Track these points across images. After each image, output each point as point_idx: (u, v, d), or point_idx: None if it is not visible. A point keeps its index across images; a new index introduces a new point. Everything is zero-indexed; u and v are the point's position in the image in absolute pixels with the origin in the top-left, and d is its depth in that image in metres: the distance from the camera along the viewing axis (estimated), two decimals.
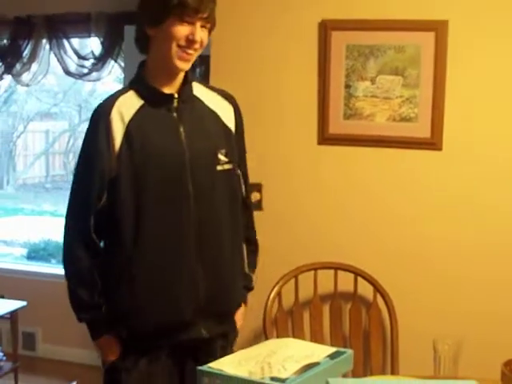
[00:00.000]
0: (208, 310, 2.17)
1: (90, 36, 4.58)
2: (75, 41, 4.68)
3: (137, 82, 2.18)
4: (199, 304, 2.15)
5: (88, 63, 4.56)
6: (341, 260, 2.96)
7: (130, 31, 4.23)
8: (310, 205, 3.11)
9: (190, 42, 2.05)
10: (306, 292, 2.97)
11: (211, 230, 2.17)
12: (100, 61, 4.51)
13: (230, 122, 2.24)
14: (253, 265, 2.36)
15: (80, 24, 4.50)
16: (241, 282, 2.30)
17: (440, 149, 2.98)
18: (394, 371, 2.85)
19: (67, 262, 2.19)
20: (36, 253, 5.67)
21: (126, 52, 4.38)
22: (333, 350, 2.02)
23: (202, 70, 4.50)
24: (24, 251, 5.75)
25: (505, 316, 2.90)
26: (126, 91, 2.15)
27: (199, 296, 2.15)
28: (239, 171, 2.28)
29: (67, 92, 8.59)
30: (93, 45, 4.67)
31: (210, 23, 2.09)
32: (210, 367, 1.90)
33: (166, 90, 2.13)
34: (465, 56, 2.92)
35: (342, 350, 2.04)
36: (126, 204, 2.08)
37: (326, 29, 3.04)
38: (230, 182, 2.22)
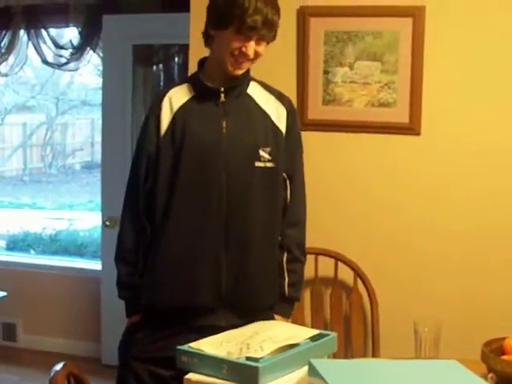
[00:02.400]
0: (229, 299, 2.20)
1: (68, 26, 4.57)
2: (53, 31, 4.66)
3: (193, 76, 2.32)
4: (220, 291, 2.19)
5: (66, 53, 4.55)
6: (321, 245, 2.97)
7: (108, 21, 4.29)
8: None
9: (243, 53, 2.12)
10: None
11: (241, 222, 2.21)
12: (78, 50, 4.50)
13: (281, 124, 2.28)
14: (294, 274, 2.35)
15: (58, 14, 4.50)
16: (273, 285, 2.30)
17: (418, 134, 3.00)
18: (375, 355, 2.88)
19: (117, 239, 2.29)
20: (15, 244, 5.66)
21: (104, 42, 4.37)
22: (315, 332, 2.04)
23: (180, 58, 4.52)
24: (3, 243, 5.73)
25: (485, 298, 2.93)
26: (182, 83, 2.30)
27: (221, 283, 2.19)
28: (285, 174, 2.30)
29: (45, 84, 8.56)
30: (71, 34, 4.66)
31: (268, 38, 2.15)
32: (189, 346, 1.92)
33: (217, 86, 2.21)
34: (442, 41, 2.94)
35: (326, 332, 2.06)
36: (160, 186, 2.20)
37: (304, 15, 3.05)
38: (270, 181, 2.24)
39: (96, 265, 4.67)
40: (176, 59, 4.56)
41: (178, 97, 2.24)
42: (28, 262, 5.01)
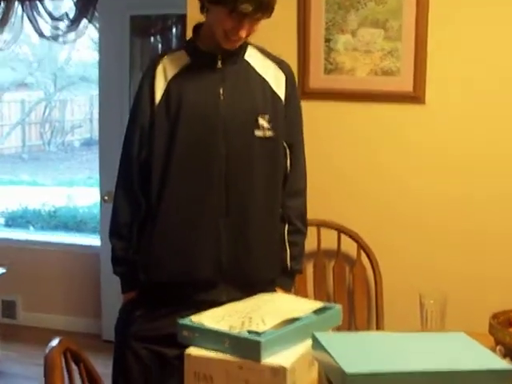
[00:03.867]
0: (230, 273, 2.14)
1: None
2: (48, 2, 4.58)
3: (188, 42, 2.26)
4: (221, 266, 2.13)
5: (62, 25, 4.47)
6: (324, 217, 2.91)
7: None
8: None
9: (236, 33, 2.04)
10: None
11: (241, 195, 2.14)
12: (74, 22, 4.42)
13: (280, 91, 2.20)
14: (295, 246, 2.29)
15: None
16: (274, 258, 2.24)
17: (423, 102, 2.92)
18: (379, 328, 2.83)
19: (112, 213, 2.24)
20: (14, 220, 5.61)
21: (100, 12, 4.29)
22: (320, 305, 1.98)
23: (178, 29, 4.43)
24: (1, 220, 5.68)
25: (490, 271, 2.88)
26: (177, 50, 2.26)
27: (221, 257, 2.13)
28: (285, 143, 2.23)
29: (42, 61, 8.48)
30: (66, 6, 4.58)
31: (264, 18, 2.07)
32: (190, 320, 1.86)
33: (214, 52, 2.13)
34: (448, 6, 2.85)
35: (330, 305, 2.00)
36: (156, 157, 2.12)
37: None
38: (269, 151, 2.17)
39: (95, 240, 4.61)
40: (174, 30, 4.47)
41: (172, 64, 2.16)
42: (27, 239, 4.96)
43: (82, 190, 7.08)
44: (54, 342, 1.56)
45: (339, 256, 2.95)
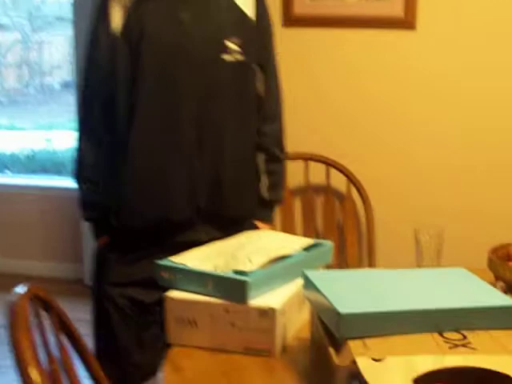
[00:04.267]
0: (207, 212, 2.01)
1: None
2: None
3: None
4: (198, 204, 2.00)
5: None
6: (311, 150, 2.77)
7: None
8: (286, 91, 2.84)
9: None
10: None
11: (214, 126, 1.99)
12: None
13: (249, 10, 2.01)
14: (273, 175, 2.16)
15: None
16: (252, 191, 2.12)
17: (413, 28, 2.77)
18: (371, 265, 2.72)
19: (76, 157, 2.07)
20: None
21: None
22: (310, 242, 1.85)
23: None
24: None
25: (487, 206, 2.76)
26: None
27: (198, 195, 1.99)
28: (257, 66, 2.05)
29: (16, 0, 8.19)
30: None
31: None
32: (170, 261, 1.73)
33: None
34: None
35: (321, 242, 1.87)
36: (120, 95, 1.95)
37: None
38: (240, 76, 2.00)
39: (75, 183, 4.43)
40: None
41: None
42: (3, 183, 4.79)
43: (61, 134, 6.87)
44: (20, 288, 1.42)
45: (328, 191, 2.82)
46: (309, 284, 1.57)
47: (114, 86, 1.95)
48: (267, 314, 1.56)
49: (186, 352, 1.61)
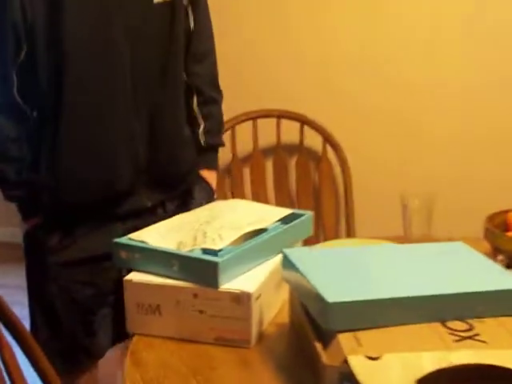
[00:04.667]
0: (149, 174, 1.80)
1: None
2: None
3: None
4: (139, 169, 1.78)
5: None
6: (284, 107, 2.55)
7: None
8: (255, 42, 2.63)
9: None
10: (245, 145, 2.57)
11: (146, 73, 1.77)
12: None
13: None
14: (210, 119, 1.98)
15: None
16: (190, 139, 1.93)
17: None
18: (349, 234, 2.52)
19: None
20: None
21: None
22: (287, 212, 1.64)
23: None
24: None
25: (478, 172, 2.57)
26: None
27: (139, 159, 1.78)
28: (188, 4, 1.84)
29: None
30: None
31: None
32: (129, 238, 1.51)
33: None
34: None
35: (299, 212, 1.67)
36: (41, 56, 1.68)
37: None
38: (171, 16, 1.78)
39: None
40: None
41: None
42: None
43: None
44: None
45: (302, 152, 2.61)
46: (289, 265, 1.36)
47: (32, 52, 1.68)
48: (241, 299, 1.36)
49: (148, 343, 1.40)
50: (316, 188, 2.64)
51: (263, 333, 1.42)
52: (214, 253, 1.40)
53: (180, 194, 1.89)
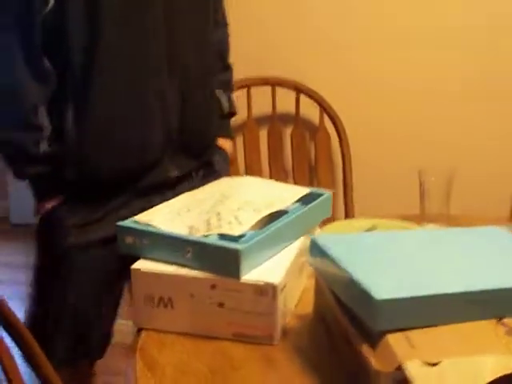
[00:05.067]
0: (178, 142, 1.65)
1: None
2: None
3: None
4: (170, 136, 1.63)
5: None
6: (279, 74, 2.38)
7: None
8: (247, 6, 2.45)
9: None
10: (239, 115, 2.39)
11: (181, 42, 1.62)
12: None
13: None
14: (228, 85, 1.91)
15: None
16: (215, 108, 1.82)
17: None
18: (348, 208, 2.37)
19: (9, 95, 1.53)
20: None
21: None
22: (305, 191, 1.49)
23: None
24: None
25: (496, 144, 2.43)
26: None
27: (170, 126, 1.63)
28: None
29: None
30: None
31: None
32: (135, 221, 1.35)
33: None
34: None
35: (317, 191, 1.52)
36: (73, 9, 1.47)
37: None
38: None
39: None
40: None
41: None
42: None
43: None
44: None
45: (298, 122, 2.45)
46: (319, 253, 1.22)
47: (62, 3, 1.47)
48: (266, 291, 1.20)
49: (158, 339, 1.25)
50: (312, 161, 2.48)
51: (285, 327, 1.27)
52: (234, 239, 1.25)
53: (203, 164, 1.76)
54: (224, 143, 1.88)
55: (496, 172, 2.37)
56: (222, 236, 1.26)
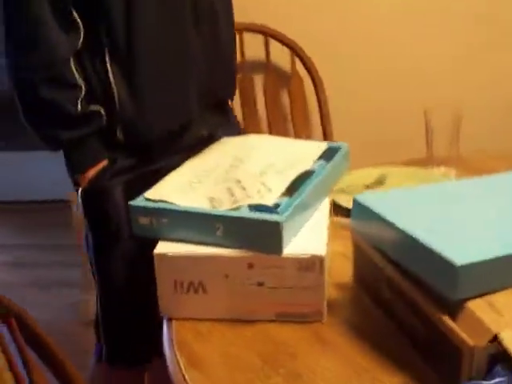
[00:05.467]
0: (207, 99, 1.58)
1: None
2: None
3: None
4: (201, 92, 1.55)
5: None
6: (247, 19, 2.21)
7: None
8: None
9: None
10: None
11: (207, 8, 1.55)
12: None
13: None
14: None
15: None
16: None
17: None
18: None
19: (38, 48, 1.38)
20: None
21: None
22: (324, 146, 1.36)
23: None
24: None
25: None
26: None
27: (201, 81, 1.54)
28: None
29: None
30: None
31: None
32: (147, 199, 1.19)
33: None
34: None
35: (335, 144, 1.39)
36: None
37: None
38: None
39: None
40: None
41: None
42: None
43: None
44: None
45: (269, 69, 2.29)
46: (366, 215, 1.09)
47: None
48: (312, 265, 1.08)
49: (194, 329, 1.11)
50: (286, 111, 2.34)
51: (329, 301, 1.15)
52: (269, 209, 1.10)
53: (224, 122, 1.67)
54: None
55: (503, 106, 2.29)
56: (255, 207, 1.12)
